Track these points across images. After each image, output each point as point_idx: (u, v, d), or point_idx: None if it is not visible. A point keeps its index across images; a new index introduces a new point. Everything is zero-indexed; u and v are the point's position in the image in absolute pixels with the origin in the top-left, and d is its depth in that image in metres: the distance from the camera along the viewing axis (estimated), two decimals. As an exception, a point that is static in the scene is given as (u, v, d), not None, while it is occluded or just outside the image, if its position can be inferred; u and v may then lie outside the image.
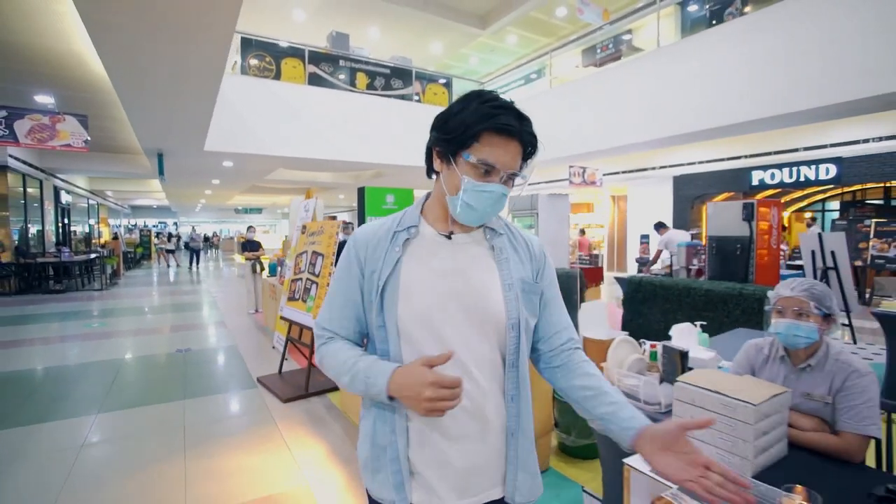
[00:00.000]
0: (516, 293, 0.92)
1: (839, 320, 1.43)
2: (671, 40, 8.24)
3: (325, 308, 0.99)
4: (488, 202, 0.87)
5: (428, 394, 0.78)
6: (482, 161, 0.85)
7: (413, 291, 0.89)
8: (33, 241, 11.12)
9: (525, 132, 0.88)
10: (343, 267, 0.97)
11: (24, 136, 5.56)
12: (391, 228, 0.95)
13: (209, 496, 2.33)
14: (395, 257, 0.91)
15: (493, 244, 0.96)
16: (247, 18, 9.46)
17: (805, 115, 5.71)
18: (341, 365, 0.91)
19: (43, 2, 4.11)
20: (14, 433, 3.08)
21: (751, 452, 1.21)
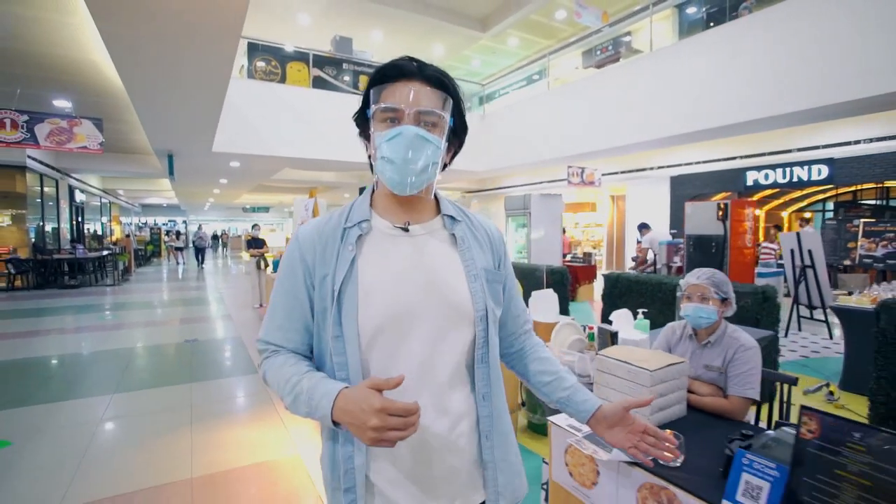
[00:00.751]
0: (481, 284, 0.88)
1: (734, 303, 1.69)
2: (669, 42, 8.39)
3: (267, 319, 0.88)
4: (402, 146, 0.79)
5: (374, 422, 0.68)
6: (382, 108, 0.80)
7: (373, 294, 0.81)
8: (49, 239, 11.55)
9: (425, 70, 0.83)
10: (286, 272, 0.86)
11: (44, 139, 5.93)
12: (339, 225, 0.86)
13: (212, 462, 2.63)
14: (350, 257, 0.82)
15: (454, 233, 0.90)
16: (254, 22, 9.78)
17: (800, 115, 5.78)
18: (284, 383, 0.80)
19: (61, 15, 4.44)
20: (39, 409, 3.42)
21: (646, 409, 1.49)
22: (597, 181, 12.43)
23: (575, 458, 1.47)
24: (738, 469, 1.08)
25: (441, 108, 0.81)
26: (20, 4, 4.21)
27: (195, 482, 2.42)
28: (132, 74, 4.80)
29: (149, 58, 4.31)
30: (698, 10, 9.21)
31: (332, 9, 10.36)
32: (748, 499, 1.04)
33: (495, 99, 12.94)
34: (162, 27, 3.70)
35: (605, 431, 0.91)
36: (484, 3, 11.21)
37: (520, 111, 10.66)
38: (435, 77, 0.83)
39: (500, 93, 13.19)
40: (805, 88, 5.22)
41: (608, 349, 1.70)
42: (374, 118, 0.82)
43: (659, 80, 7.18)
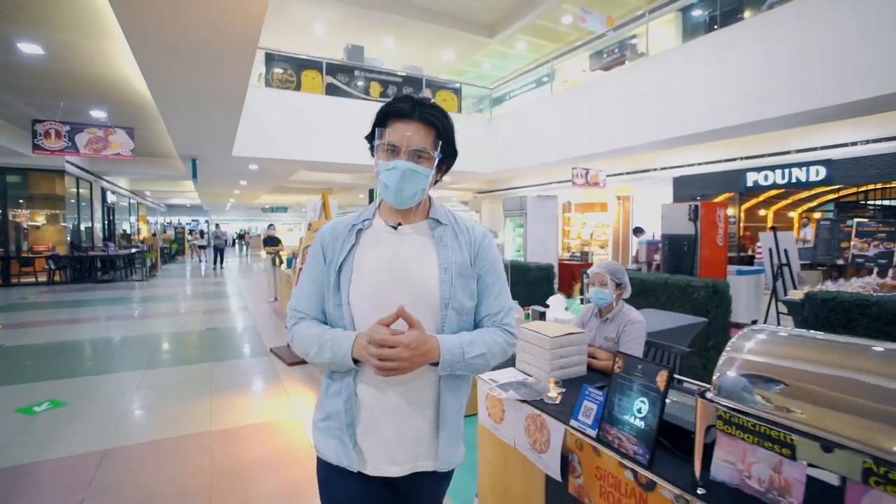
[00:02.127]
0: (451, 276, 1.04)
1: (629, 287, 2.13)
2: (674, 44, 8.53)
3: (296, 293, 1.11)
4: (396, 177, 1.00)
5: (372, 351, 0.92)
6: (384, 143, 1.02)
7: (363, 274, 1.03)
8: (84, 237, 12.42)
9: (423, 113, 1.02)
10: (312, 258, 1.11)
11: (83, 147, 6.62)
12: (351, 223, 1.10)
13: (227, 420, 3.18)
14: (349, 245, 1.06)
15: (435, 233, 1.09)
16: (272, 32, 10.37)
17: (799, 117, 5.85)
18: (310, 338, 1.02)
19: (99, 40, 5.06)
20: (86, 379, 4.05)
21: (548, 367, 1.94)
22: (601, 182, 12.67)
23: (491, 402, 1.95)
24: (581, 398, 1.54)
25: (431, 146, 1.03)
26: (65, 32, 4.84)
27: (213, 434, 2.97)
28: (159, 88, 5.42)
29: (174, 74, 4.91)
30: (701, 14, 9.32)
31: (346, 18, 10.83)
32: (585, 417, 1.50)
33: (505, 102, 13.14)
34: (185, 48, 4.27)
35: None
36: (491, 11, 11.51)
37: (525, 114, 10.88)
38: (430, 120, 1.02)
39: (511, 95, 13.37)
40: (804, 90, 5.27)
41: (529, 323, 2.16)
42: (378, 149, 1.04)
43: (661, 82, 7.22)
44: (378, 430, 1.02)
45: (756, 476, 1.00)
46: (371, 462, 1.02)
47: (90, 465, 2.57)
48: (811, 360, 1.00)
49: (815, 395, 0.94)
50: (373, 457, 1.02)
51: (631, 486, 1.29)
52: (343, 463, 1.02)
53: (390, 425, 1.02)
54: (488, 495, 2.05)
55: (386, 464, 1.02)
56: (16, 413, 3.29)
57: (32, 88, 6.56)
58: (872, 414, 0.86)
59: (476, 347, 1.02)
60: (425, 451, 1.05)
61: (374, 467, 1.02)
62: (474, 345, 1.02)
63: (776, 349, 1.07)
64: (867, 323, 2.92)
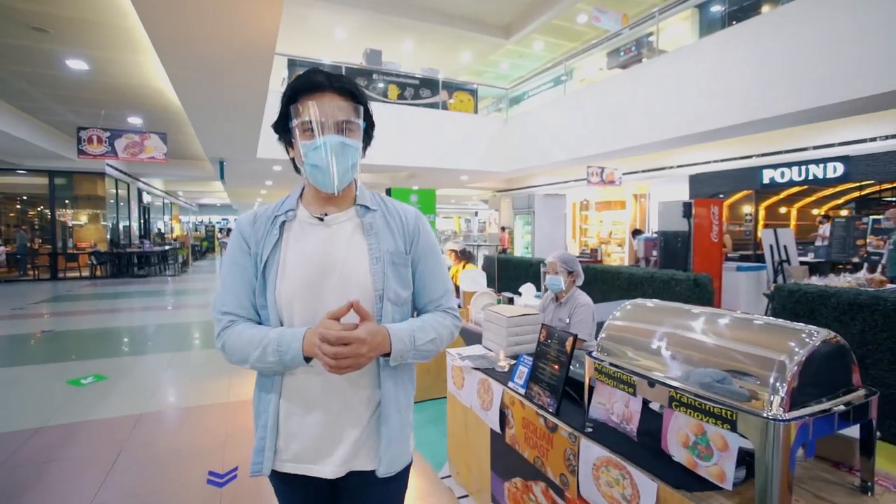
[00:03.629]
0: (383, 266, 0.98)
1: (581, 274, 2.42)
2: (690, 41, 8.46)
3: (222, 292, 0.99)
4: (327, 154, 0.91)
5: (326, 350, 0.84)
6: (303, 121, 0.91)
7: (288, 270, 0.95)
8: (122, 235, 13.28)
9: (336, 82, 0.93)
10: (233, 251, 1.00)
11: (121, 151, 7.23)
12: (273, 213, 1.01)
13: (242, 394, 3.60)
14: (274, 240, 0.97)
15: (363, 220, 1.01)
16: (294, 37, 10.88)
17: (816, 112, 5.68)
18: (248, 342, 0.92)
19: (134, 55, 5.58)
20: (124, 359, 4.58)
21: (505, 343, 2.25)
22: (617, 180, 12.72)
23: (455, 371, 2.27)
24: (517, 364, 1.86)
25: (355, 115, 0.95)
26: (106, 49, 5.38)
27: (229, 405, 3.39)
28: (187, 96, 5.93)
29: (199, 83, 5.39)
30: (719, 10, 9.20)
31: (366, 23, 11.20)
32: (518, 378, 1.81)
33: (523, 101, 13.16)
34: (208, 61, 4.73)
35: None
36: (506, 12, 11.67)
37: (540, 114, 10.91)
38: (346, 89, 0.94)
39: (529, 94, 13.42)
40: (821, 85, 5.15)
41: (495, 306, 2.47)
42: (296, 129, 0.92)
43: (676, 80, 7.11)
44: (313, 429, 0.96)
45: (615, 412, 1.30)
46: (303, 463, 0.97)
47: (127, 426, 3.02)
48: (654, 322, 1.29)
49: (644, 345, 1.24)
50: (305, 457, 0.97)
51: (543, 430, 1.59)
52: (266, 467, 0.97)
53: (323, 423, 0.96)
54: (454, 452, 2.39)
55: (320, 464, 0.97)
56: (67, 384, 3.83)
57: (77, 99, 7.21)
58: (677, 358, 1.16)
59: (426, 333, 0.99)
60: (361, 450, 0.99)
61: (307, 468, 0.97)
62: (424, 331, 0.99)
63: (638, 316, 1.37)
64: (826, 312, 3.11)
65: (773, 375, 0.97)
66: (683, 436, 1.10)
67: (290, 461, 0.98)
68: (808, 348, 0.98)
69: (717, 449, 1.03)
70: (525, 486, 1.75)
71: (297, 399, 0.97)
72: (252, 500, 2.24)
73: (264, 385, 1.00)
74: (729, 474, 1.00)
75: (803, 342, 1.00)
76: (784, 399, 0.94)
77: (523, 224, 8.55)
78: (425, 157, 10.87)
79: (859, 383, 1.07)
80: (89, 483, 2.36)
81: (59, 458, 2.61)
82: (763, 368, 0.99)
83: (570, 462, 1.45)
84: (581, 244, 15.70)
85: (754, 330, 1.13)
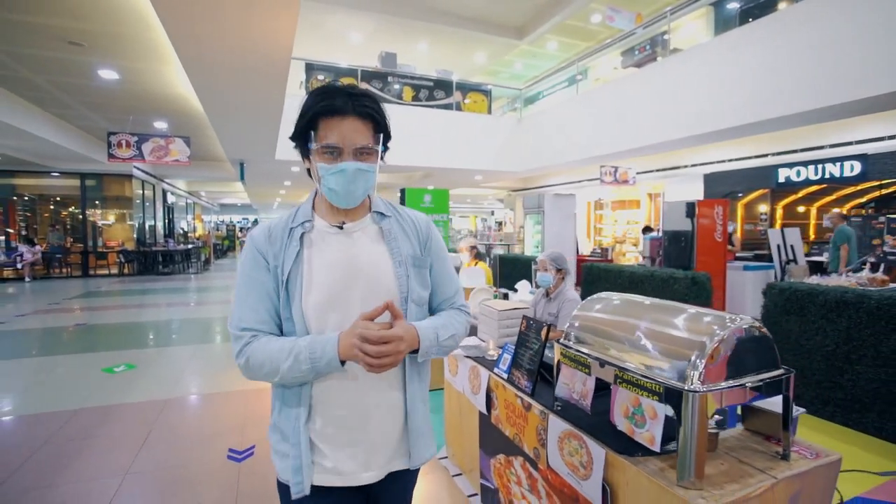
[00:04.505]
0: (406, 269, 1.02)
1: (569, 271, 2.59)
2: (705, 39, 8.40)
3: (238, 309, 0.96)
4: (344, 181, 0.94)
5: (369, 350, 0.86)
6: (322, 146, 0.93)
7: (314, 282, 0.95)
8: (148, 234, 13.83)
9: (358, 106, 0.93)
10: (249, 265, 0.98)
11: (148, 155, 7.62)
12: (287, 225, 1.01)
13: (260, 384, 3.86)
14: (295, 251, 0.96)
15: (381, 226, 1.04)
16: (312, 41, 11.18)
17: (832, 110, 5.57)
18: (277, 353, 0.90)
19: (159, 64, 5.92)
20: (151, 350, 4.92)
21: (496, 334, 2.44)
22: (631, 180, 12.71)
23: (450, 360, 2.48)
24: (503, 352, 2.05)
25: (374, 141, 0.97)
26: (135, 60, 5.73)
27: (248, 392, 3.66)
28: (209, 102, 6.26)
29: (220, 90, 5.71)
30: (734, 7, 9.10)
31: (381, 27, 11.42)
32: (503, 364, 2.01)
33: (538, 101, 13.15)
34: (228, 70, 5.02)
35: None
36: (518, 14, 11.74)
37: (553, 113, 10.92)
38: (368, 114, 0.95)
39: (543, 94, 13.41)
40: (838, 83, 5.06)
41: (490, 301, 2.67)
42: (316, 151, 0.94)
43: (690, 78, 7.05)
44: (348, 438, 0.98)
45: (576, 391, 1.49)
46: (344, 474, 0.98)
47: (155, 409, 3.31)
48: (613, 312, 1.47)
49: (602, 332, 1.43)
50: (345, 468, 0.98)
51: (520, 410, 1.79)
52: (307, 485, 0.95)
53: (361, 430, 0.98)
54: (451, 434, 2.60)
55: (361, 471, 0.99)
56: (101, 371, 4.18)
57: (108, 106, 7.62)
58: (624, 341, 1.34)
59: (447, 330, 1.04)
60: (397, 450, 1.03)
61: (349, 478, 0.98)
62: (445, 328, 1.04)
63: (601, 307, 1.55)
64: (815, 310, 3.21)
65: (694, 354, 1.15)
66: (625, 407, 1.29)
67: (331, 473, 0.97)
68: (725, 332, 1.16)
69: (650, 418, 1.21)
70: (507, 462, 1.94)
71: (330, 409, 0.97)
72: (269, 474, 2.48)
73: (289, 399, 0.98)
74: (657, 439, 1.18)
75: (724, 327, 1.18)
76: (702, 374, 1.12)
77: (534, 223, 8.70)
78: (440, 157, 11.03)
79: (779, 366, 1.24)
80: (124, 457, 2.64)
81: (98, 436, 2.91)
82: (689, 349, 1.17)
83: (541, 436, 1.64)
84: (596, 243, 15.71)
85: (692, 318, 1.30)
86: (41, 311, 7.21)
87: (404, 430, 1.04)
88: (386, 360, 0.89)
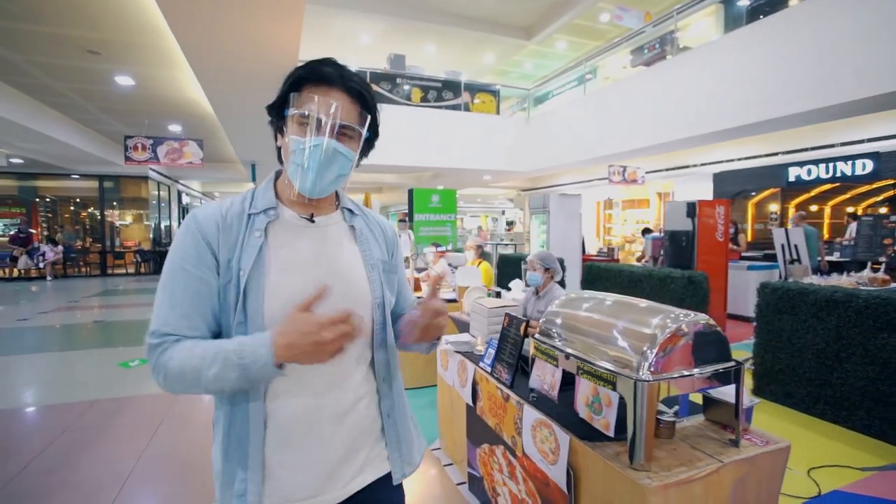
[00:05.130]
0: (378, 274, 0.94)
1: (559, 271, 2.68)
2: (715, 37, 8.33)
3: (165, 308, 0.79)
4: (316, 157, 0.80)
5: (327, 335, 0.71)
6: (300, 113, 0.80)
7: (280, 282, 0.82)
8: (163, 234, 14.19)
9: (348, 81, 0.83)
10: (185, 257, 0.81)
11: (163, 157, 7.88)
12: (242, 210, 0.86)
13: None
14: (258, 244, 0.83)
15: (354, 224, 0.95)
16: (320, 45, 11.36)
17: (843, 108, 5.46)
18: (201, 359, 0.74)
19: (172, 71, 6.14)
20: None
21: (486, 330, 2.55)
22: (640, 179, 12.67)
23: (442, 355, 2.59)
24: (488, 347, 2.16)
25: (359, 122, 0.84)
26: (149, 66, 5.95)
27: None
28: (220, 106, 6.47)
29: (229, 95, 5.91)
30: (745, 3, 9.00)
31: (389, 29, 11.56)
32: (487, 358, 2.12)
33: (547, 100, 13.09)
34: (236, 75, 5.21)
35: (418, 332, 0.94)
36: (526, 14, 11.79)
37: (561, 113, 10.82)
38: (356, 90, 0.84)
39: (553, 94, 13.36)
40: (849, 80, 4.97)
41: (481, 299, 2.78)
42: (291, 119, 0.82)
43: (699, 76, 6.99)
44: (309, 454, 0.84)
45: (546, 382, 1.60)
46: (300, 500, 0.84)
47: (167, 402, 3.48)
48: (583, 308, 1.58)
49: (571, 327, 1.53)
50: (300, 492, 0.84)
51: (500, 401, 1.89)
52: None
53: (321, 445, 0.85)
54: (443, 426, 2.71)
55: (322, 494, 0.85)
56: (118, 366, 4.38)
57: (124, 110, 7.89)
58: (589, 335, 1.44)
59: None
60: (376, 461, 0.93)
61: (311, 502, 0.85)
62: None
63: (572, 304, 1.65)
64: (805, 308, 3.25)
65: (646, 346, 1.25)
66: (586, 397, 1.39)
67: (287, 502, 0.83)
68: (675, 327, 1.26)
69: (605, 405, 1.31)
70: (490, 451, 2.05)
71: (287, 422, 0.83)
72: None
73: (236, 416, 0.82)
74: (612, 424, 1.28)
75: (676, 322, 1.27)
76: (651, 364, 1.22)
77: (539, 223, 8.76)
78: (449, 157, 11.10)
79: (730, 358, 1.33)
80: (138, 444, 2.80)
81: (113, 425, 3.09)
82: (642, 342, 1.27)
83: (518, 425, 1.74)
84: (605, 243, 15.68)
85: (650, 314, 1.39)
86: (62, 308, 7.49)
87: (379, 439, 0.95)
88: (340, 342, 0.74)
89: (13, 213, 12.91)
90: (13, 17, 4.56)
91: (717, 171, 12.19)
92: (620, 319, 1.41)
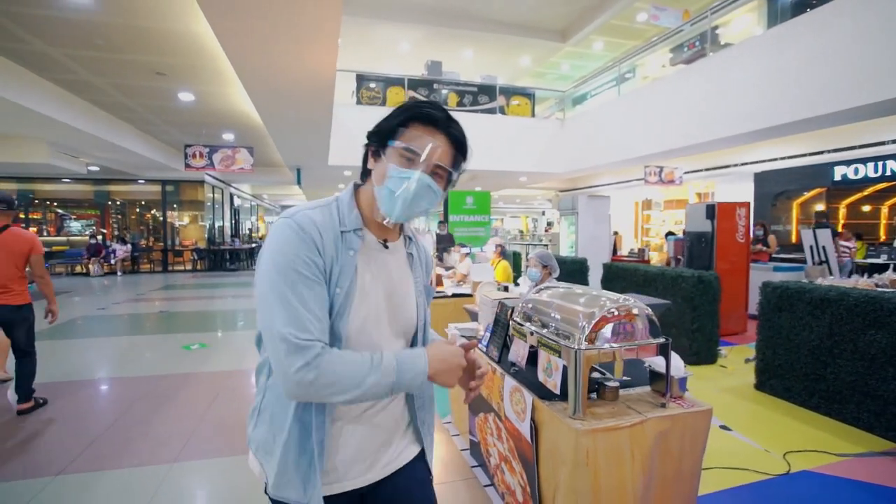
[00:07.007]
0: (422, 298, 1.05)
1: (556, 269, 3.00)
2: (758, 32, 8.08)
3: (295, 313, 0.81)
4: (412, 190, 0.87)
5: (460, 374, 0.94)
6: (406, 147, 0.88)
7: (361, 304, 0.91)
8: (217, 234, 15.31)
9: (451, 128, 0.92)
10: (300, 259, 0.84)
11: (218, 164, 8.68)
12: (336, 227, 0.91)
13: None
14: (353, 263, 0.90)
15: (411, 252, 1.05)
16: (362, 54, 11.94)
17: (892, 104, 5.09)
18: (359, 364, 0.82)
19: (224, 87, 6.85)
20: (220, 334, 5.79)
21: (489, 317, 2.91)
22: (677, 180, 12.50)
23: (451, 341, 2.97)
24: (486, 332, 2.52)
25: (452, 165, 0.93)
26: (206, 84, 6.67)
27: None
28: (268, 117, 7.13)
29: (276, 107, 6.52)
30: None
31: (428, 36, 11.86)
32: (484, 341, 2.48)
33: (585, 101, 12.97)
34: (281, 91, 5.78)
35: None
36: (561, 17, 11.82)
37: (596, 114, 10.78)
38: (457, 139, 0.93)
39: (591, 94, 13.25)
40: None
41: (489, 292, 3.14)
42: (394, 149, 0.89)
43: (738, 73, 6.79)
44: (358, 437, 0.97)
45: (519, 355, 1.95)
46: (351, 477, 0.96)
47: (223, 378, 4.06)
48: (553, 296, 1.92)
49: (540, 311, 1.88)
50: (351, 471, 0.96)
51: (491, 374, 2.26)
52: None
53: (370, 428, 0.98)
54: (453, 401, 3.09)
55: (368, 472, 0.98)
56: (181, 348, 5.05)
57: (185, 122, 8.77)
58: (548, 317, 1.79)
59: None
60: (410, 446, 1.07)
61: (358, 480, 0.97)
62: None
63: (542, 293, 2.00)
64: (802, 306, 3.40)
65: (585, 321, 1.58)
66: (543, 364, 1.74)
67: (340, 481, 0.95)
68: (610, 307, 1.59)
69: (554, 370, 1.66)
70: (485, 418, 2.41)
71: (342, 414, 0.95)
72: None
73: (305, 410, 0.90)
74: (558, 384, 1.63)
75: (613, 303, 1.60)
76: (587, 336, 1.55)
77: (568, 224, 8.96)
78: (485, 160, 11.22)
79: (660, 336, 1.64)
80: (198, 411, 3.36)
81: (179, 395, 3.67)
82: (583, 319, 1.61)
83: (501, 393, 2.10)
84: (643, 243, 15.51)
85: (595, 299, 1.72)
86: (132, 300, 8.43)
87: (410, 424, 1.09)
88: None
89: (89, 214, 14.44)
90: (99, 48, 5.33)
91: (759, 170, 11.87)
92: (573, 304, 1.75)
